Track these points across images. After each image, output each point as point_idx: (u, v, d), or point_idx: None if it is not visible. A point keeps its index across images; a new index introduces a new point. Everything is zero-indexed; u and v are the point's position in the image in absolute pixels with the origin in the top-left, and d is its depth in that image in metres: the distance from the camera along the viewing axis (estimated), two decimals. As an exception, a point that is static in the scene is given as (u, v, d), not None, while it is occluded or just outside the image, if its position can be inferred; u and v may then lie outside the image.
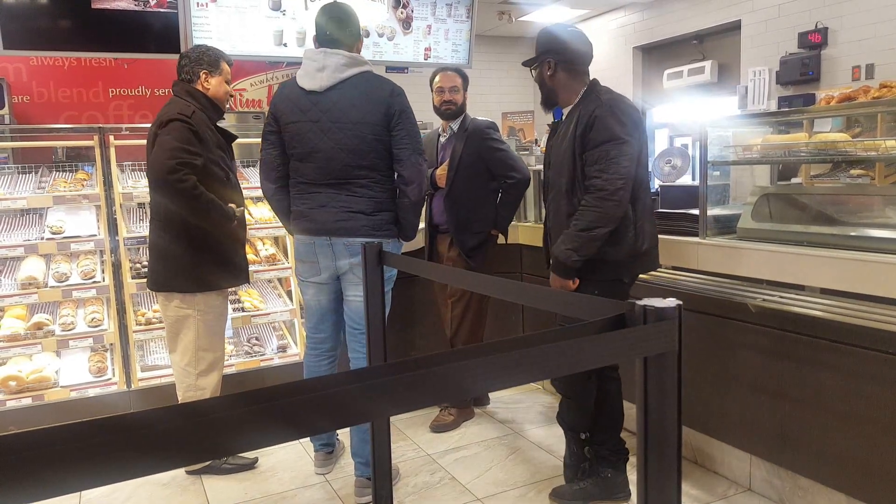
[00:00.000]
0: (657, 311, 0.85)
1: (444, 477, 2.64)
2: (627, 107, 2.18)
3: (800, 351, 2.16)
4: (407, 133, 2.37)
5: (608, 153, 2.09)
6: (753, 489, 2.42)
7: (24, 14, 3.53)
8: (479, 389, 0.79)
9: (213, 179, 2.53)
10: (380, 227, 2.41)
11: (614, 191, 2.07)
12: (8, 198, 3.11)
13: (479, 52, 5.03)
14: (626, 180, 2.08)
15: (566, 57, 2.25)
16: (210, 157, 2.53)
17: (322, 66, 2.36)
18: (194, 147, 2.45)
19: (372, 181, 2.40)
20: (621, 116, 2.13)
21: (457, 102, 3.11)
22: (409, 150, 2.37)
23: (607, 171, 2.08)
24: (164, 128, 2.44)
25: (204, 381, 2.63)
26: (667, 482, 0.91)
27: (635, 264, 2.25)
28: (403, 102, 2.38)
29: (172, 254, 2.54)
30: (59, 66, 5.01)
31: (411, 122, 2.39)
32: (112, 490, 2.58)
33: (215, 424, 0.63)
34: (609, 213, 2.09)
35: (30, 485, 0.54)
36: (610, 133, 2.09)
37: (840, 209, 2.42)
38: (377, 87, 2.37)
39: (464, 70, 3.23)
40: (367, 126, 2.34)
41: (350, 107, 2.34)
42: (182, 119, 2.46)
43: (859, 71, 4.96)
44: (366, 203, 2.39)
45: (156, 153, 2.42)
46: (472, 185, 3.07)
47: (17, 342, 3.03)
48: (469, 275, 2.00)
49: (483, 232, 3.11)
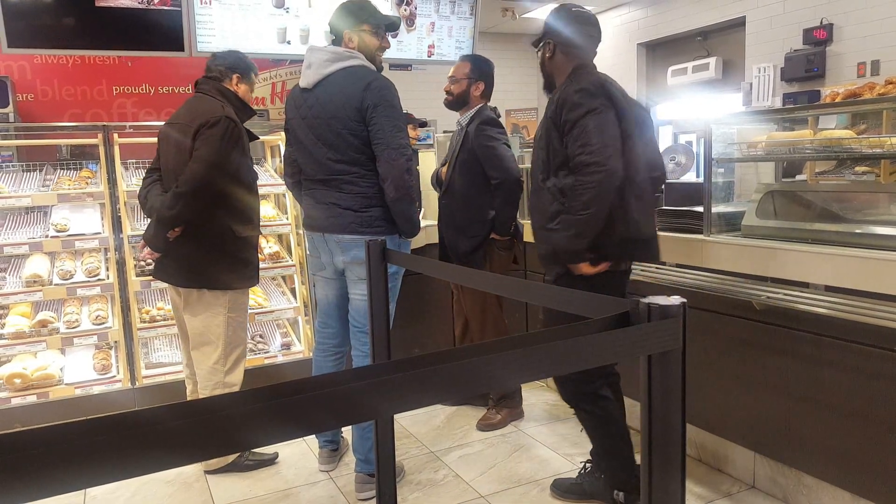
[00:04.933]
0: (661, 308, 0.85)
1: (448, 474, 2.64)
2: (602, 82, 2.05)
3: (804, 348, 2.15)
4: (380, 127, 2.28)
5: (586, 127, 1.97)
6: (757, 487, 2.42)
7: (28, 12, 3.54)
8: (484, 387, 0.79)
9: (242, 185, 2.54)
10: (370, 224, 2.37)
11: (603, 160, 1.94)
12: (13, 196, 3.13)
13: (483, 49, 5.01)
14: (613, 148, 1.96)
15: (565, 40, 2.17)
16: (243, 163, 2.55)
17: (310, 63, 2.40)
18: (234, 154, 2.46)
19: (357, 176, 2.36)
20: (591, 88, 2.01)
21: (453, 93, 2.99)
22: (382, 144, 2.30)
23: (590, 143, 1.95)
24: (213, 128, 2.41)
25: (232, 377, 2.63)
26: (671, 480, 0.91)
27: (631, 250, 2.14)
28: (381, 95, 2.29)
29: (220, 250, 2.53)
30: (63, 64, 5.01)
31: (386, 115, 2.29)
32: (116, 487, 2.59)
33: (222, 422, 0.63)
34: (604, 186, 1.95)
35: (37, 482, 0.54)
36: (583, 107, 1.97)
37: (845, 206, 2.41)
38: (354, 81, 2.32)
39: (483, 60, 3.09)
40: (339, 121, 2.32)
41: (328, 101, 2.34)
42: (230, 119, 2.46)
43: (864, 67, 4.94)
44: (353, 199, 2.37)
45: (202, 156, 2.40)
46: (468, 185, 2.92)
47: (22, 339, 3.04)
48: (471, 272, 1.99)
49: (479, 236, 2.92)
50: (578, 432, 2.95)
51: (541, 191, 2.16)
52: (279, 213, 3.74)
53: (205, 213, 2.46)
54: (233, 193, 2.51)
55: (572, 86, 2.05)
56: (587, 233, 2.01)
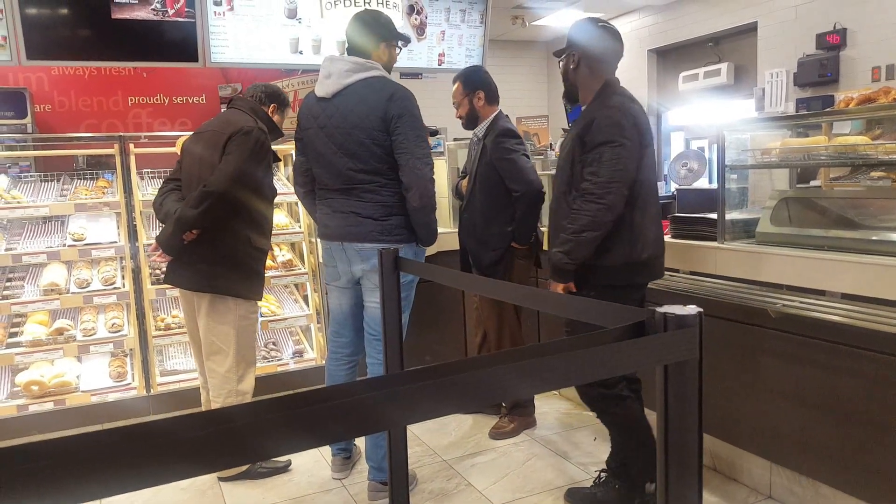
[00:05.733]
0: (678, 318, 0.84)
1: (461, 483, 2.63)
2: (631, 109, 2.12)
3: (820, 357, 2.13)
4: (405, 137, 2.33)
5: (601, 156, 2.04)
6: (774, 497, 2.39)
7: (45, 25, 3.60)
8: (499, 397, 0.79)
9: (262, 197, 2.58)
10: (390, 232, 2.40)
11: (603, 194, 2.02)
12: (31, 205, 3.17)
13: (493, 57, 5.03)
14: (618, 184, 2.03)
15: (590, 53, 2.20)
16: (266, 176, 2.59)
17: (329, 73, 2.41)
18: (262, 164, 2.51)
19: (379, 185, 2.38)
20: (620, 119, 2.07)
21: (462, 115, 3.02)
22: (407, 154, 2.33)
23: (598, 173, 2.04)
24: (246, 135, 2.46)
25: (244, 385, 2.65)
26: (688, 490, 0.90)
27: (633, 272, 2.18)
28: (404, 106, 2.33)
29: (234, 259, 2.55)
30: (79, 75, 5.09)
31: (411, 126, 2.33)
32: (131, 494, 2.60)
33: (238, 431, 0.64)
34: (598, 218, 2.04)
35: (55, 491, 0.55)
36: (605, 135, 2.05)
37: (861, 213, 2.38)
38: (377, 91, 2.35)
39: (471, 70, 3.09)
40: (363, 130, 2.34)
41: (350, 111, 2.35)
42: (262, 131, 2.52)
43: (879, 72, 4.89)
44: (374, 208, 2.39)
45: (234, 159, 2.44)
46: (489, 198, 2.90)
47: (39, 347, 3.07)
48: (487, 282, 1.98)
49: (501, 248, 2.91)
50: (592, 441, 2.94)
51: (561, 202, 2.21)
52: (292, 221, 3.77)
53: (223, 219, 2.49)
54: (253, 204, 2.53)
55: (604, 110, 2.10)
56: (574, 255, 2.10)
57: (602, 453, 2.38)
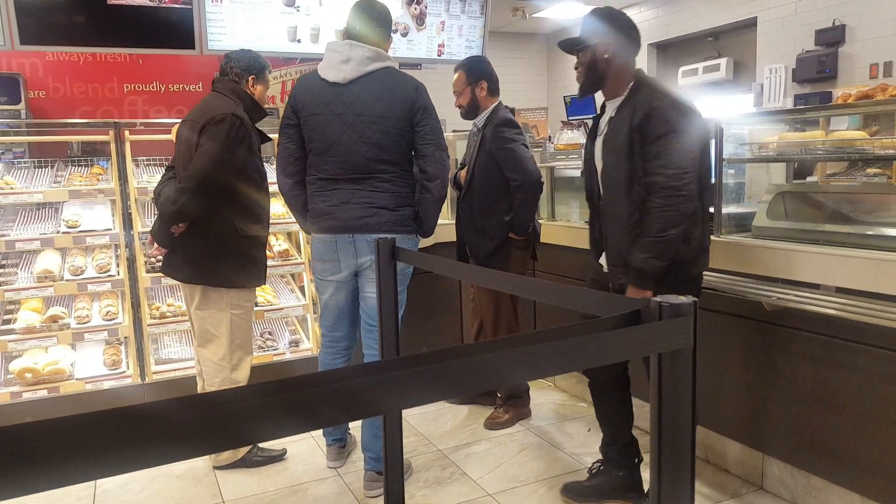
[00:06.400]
0: (672, 307, 0.84)
1: (456, 472, 2.64)
2: (685, 99, 2.09)
3: (814, 350, 2.14)
4: (431, 129, 2.38)
5: (668, 146, 1.96)
6: (766, 488, 2.40)
7: (40, 10, 3.57)
8: (494, 383, 0.79)
9: (249, 183, 2.55)
10: (402, 223, 2.42)
11: (681, 185, 1.95)
12: (24, 192, 3.15)
13: (493, 49, 5.01)
14: (690, 173, 1.96)
15: (624, 43, 2.12)
16: (250, 161, 2.55)
17: (347, 58, 2.35)
18: (239, 151, 2.47)
19: (394, 175, 2.39)
20: (682, 107, 2.03)
21: (462, 105, 3.01)
22: (433, 145, 2.38)
23: (670, 165, 1.95)
24: (218, 125, 2.43)
25: (238, 374, 2.64)
26: (680, 480, 0.90)
27: (703, 261, 2.16)
28: (427, 98, 2.40)
29: (225, 248, 2.53)
30: (74, 61, 5.05)
31: (434, 118, 2.40)
32: (127, 481, 2.61)
33: (231, 415, 0.64)
34: (681, 211, 1.96)
35: (47, 472, 0.55)
36: (670, 125, 1.97)
37: (856, 208, 2.39)
38: (402, 83, 2.38)
39: (475, 60, 3.09)
40: (390, 120, 2.34)
41: (374, 100, 2.34)
42: (237, 116, 2.47)
43: (877, 69, 4.90)
44: (388, 198, 2.39)
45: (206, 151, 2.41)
46: (488, 188, 2.89)
47: (33, 335, 3.06)
48: (484, 272, 1.98)
49: (499, 238, 2.91)
50: (586, 432, 2.95)
51: (621, 200, 2.10)
52: (287, 210, 3.75)
53: (209, 209, 2.47)
54: (239, 191, 2.51)
55: (663, 100, 2.03)
56: (664, 256, 1.99)
57: (596, 444, 2.39)
